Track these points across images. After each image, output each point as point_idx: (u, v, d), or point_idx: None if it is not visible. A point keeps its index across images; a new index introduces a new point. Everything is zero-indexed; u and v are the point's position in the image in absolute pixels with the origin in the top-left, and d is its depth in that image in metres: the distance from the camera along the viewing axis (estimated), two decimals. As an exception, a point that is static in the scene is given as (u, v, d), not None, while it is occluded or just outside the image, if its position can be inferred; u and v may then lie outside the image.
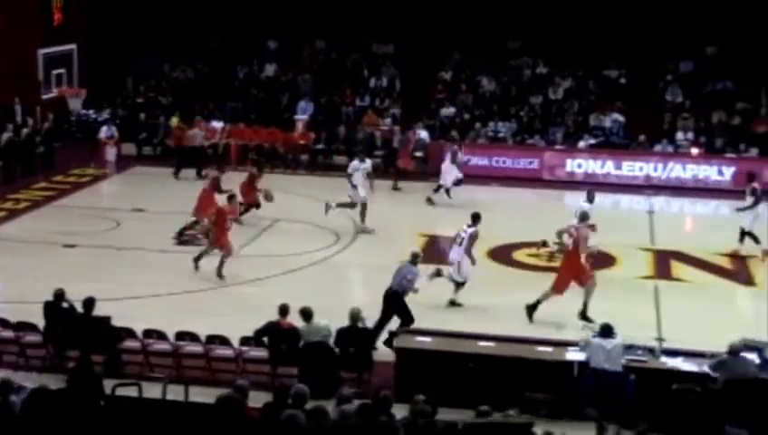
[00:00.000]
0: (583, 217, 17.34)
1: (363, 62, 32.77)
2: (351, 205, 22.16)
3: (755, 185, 21.16)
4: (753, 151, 28.35)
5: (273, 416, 9.29)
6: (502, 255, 20.46)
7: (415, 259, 15.85)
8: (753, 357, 13.08)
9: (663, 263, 20.05)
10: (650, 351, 13.78)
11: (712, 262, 20.47)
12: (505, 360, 13.66)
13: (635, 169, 28.02)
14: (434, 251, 20.18)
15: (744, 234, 20.59)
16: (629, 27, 29.97)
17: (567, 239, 17.12)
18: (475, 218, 17.59)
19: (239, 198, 21.00)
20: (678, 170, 27.75)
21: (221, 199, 20.42)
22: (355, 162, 22.73)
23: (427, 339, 14.28)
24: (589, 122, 30.10)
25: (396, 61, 32.56)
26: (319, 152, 29.72)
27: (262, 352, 14.21)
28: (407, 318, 15.27)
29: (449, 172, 25.05)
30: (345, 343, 14.02)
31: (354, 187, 22.15)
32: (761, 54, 29.62)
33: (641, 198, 26.58)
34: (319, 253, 20.18)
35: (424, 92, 31.59)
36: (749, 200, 20.82)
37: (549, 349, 13.98)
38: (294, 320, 14.14)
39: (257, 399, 10.35)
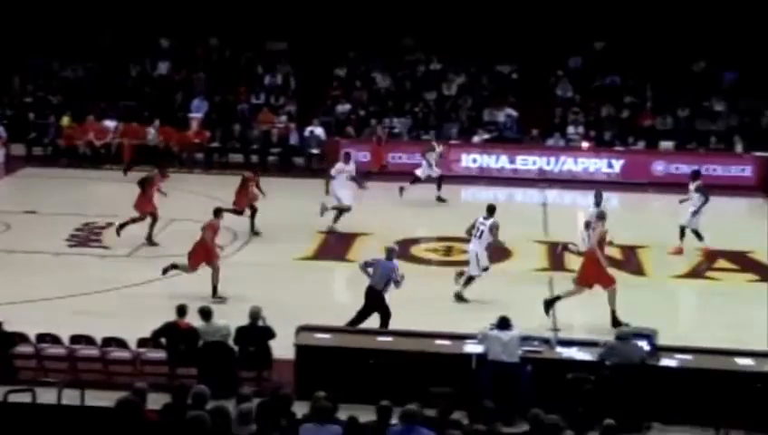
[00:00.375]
0: (600, 215, 17.46)
1: (257, 60, 32.60)
2: (342, 208, 21.92)
3: (700, 183, 21.24)
4: (641, 144, 29.15)
5: (173, 417, 9.22)
6: (400, 250, 20.58)
7: (390, 254, 15.89)
8: (642, 344, 13.44)
9: (557, 255, 20.44)
10: (546, 341, 14.04)
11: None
12: (405, 354, 13.77)
13: (528, 163, 28.56)
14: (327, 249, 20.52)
15: (683, 230, 20.71)
16: (521, 23, 30.46)
17: (582, 242, 17.97)
18: (491, 210, 17.71)
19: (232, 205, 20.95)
20: (570, 164, 28.38)
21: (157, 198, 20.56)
22: (340, 164, 22.61)
23: (327, 335, 14.31)
24: (482, 118, 30.51)
25: (290, 58, 32.47)
26: (214, 151, 29.47)
27: (160, 354, 14.04)
28: (386, 315, 15.40)
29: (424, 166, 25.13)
30: (245, 341, 13.97)
31: (337, 189, 22.02)
32: (646, 49, 30.46)
33: (535, 191, 27.08)
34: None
35: (319, 90, 31.59)
36: (697, 199, 20.71)
37: (447, 342, 14.13)
38: (193, 320, 14.02)
39: (156, 401, 10.25)
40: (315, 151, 28.63)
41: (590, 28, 31.00)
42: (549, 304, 16.65)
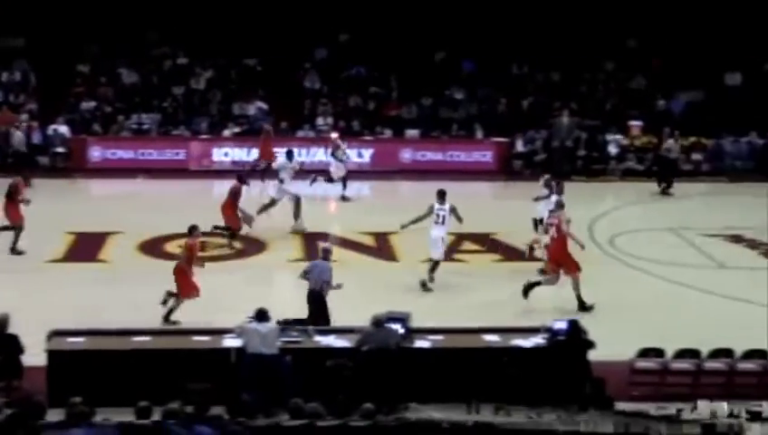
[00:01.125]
0: (559, 204, 18.11)
1: (-7, 57, 31.09)
2: (273, 204, 21.95)
3: (548, 176, 21.56)
4: (388, 133, 29.91)
5: None
6: (153, 248, 20.28)
7: (325, 255, 15.85)
8: (397, 327, 13.85)
9: (311, 245, 20.67)
10: (304, 331, 14.21)
11: (357, 241, 21.41)
12: (161, 353, 13.57)
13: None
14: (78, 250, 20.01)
15: (537, 223, 20.94)
16: (267, 16, 30.52)
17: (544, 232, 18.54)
18: (443, 195, 18.62)
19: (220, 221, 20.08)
20: (321, 154, 28.66)
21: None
22: (282, 160, 22.69)
23: (80, 339, 13.89)
24: (233, 111, 30.40)
25: (28, 54, 31.10)
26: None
27: None
28: (325, 318, 15.17)
29: (335, 166, 25.14)
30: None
31: (282, 184, 21.96)
32: (390, 41, 31.24)
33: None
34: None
35: (61, 86, 30.47)
36: (544, 192, 20.89)
37: (205, 338, 14.06)
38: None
39: None
40: (60, 150, 27.64)
41: (335, 20, 31.48)
42: (527, 290, 17.12)
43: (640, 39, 32.88)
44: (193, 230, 16.41)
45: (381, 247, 20.97)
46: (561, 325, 13.78)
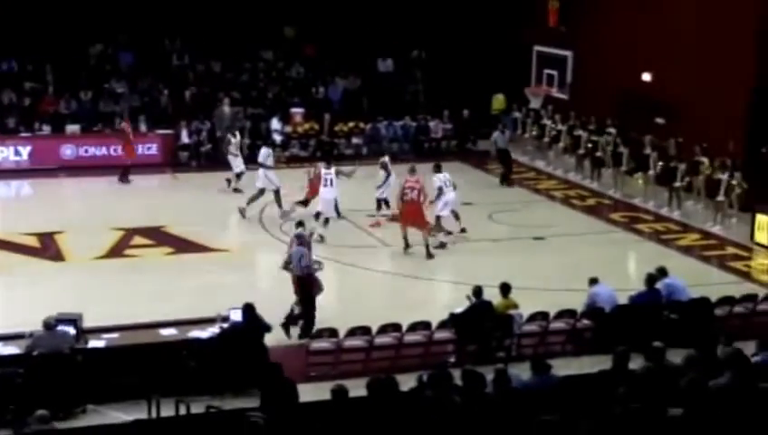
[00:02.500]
0: (412, 169, 20.86)
1: None
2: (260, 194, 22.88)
3: (385, 159, 23.28)
4: (47, 129, 28.73)
5: None
6: None
7: (300, 239, 16.07)
8: (68, 329, 13.43)
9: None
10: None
11: (20, 242, 20.49)
12: None
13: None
14: None
15: (379, 203, 22.42)
16: None
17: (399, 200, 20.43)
18: (328, 160, 22.47)
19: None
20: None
21: None
22: (265, 150, 23.27)
23: None
24: None
25: None
26: None
27: None
28: (310, 305, 15.51)
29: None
30: None
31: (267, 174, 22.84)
32: (42, 33, 29.90)
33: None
34: None
35: None
36: (382, 174, 22.66)
37: None
38: None
39: None
40: None
41: None
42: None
43: (296, 27, 33.69)
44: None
45: (47, 248, 20.20)
46: (237, 313, 13.95)
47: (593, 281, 16.11)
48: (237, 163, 25.39)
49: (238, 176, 25.24)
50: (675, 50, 25.74)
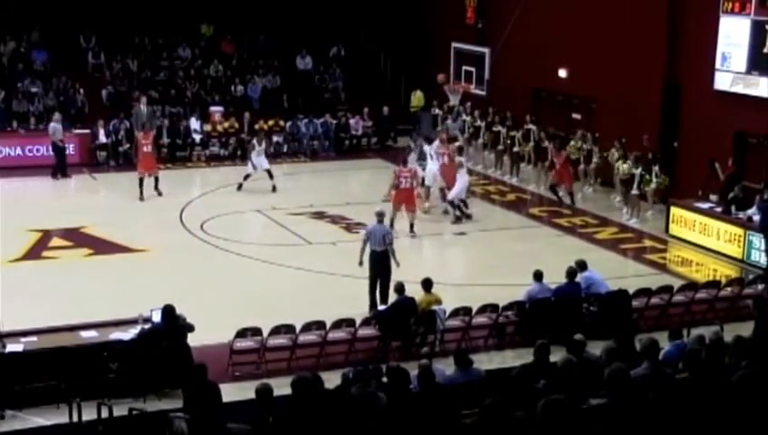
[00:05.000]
0: (404, 162, 22.32)
1: None
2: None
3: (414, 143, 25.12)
4: None
5: None
6: None
7: (380, 218, 17.01)
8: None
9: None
10: None
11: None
12: None
13: None
14: None
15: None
16: None
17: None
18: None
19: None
20: None
21: None
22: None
23: None
24: None
25: None
26: None
27: None
28: (387, 273, 16.47)
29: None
30: None
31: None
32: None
33: None
34: None
35: None
36: (413, 154, 23.97)
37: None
38: None
39: None
40: None
41: None
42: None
43: (213, 25, 33.49)
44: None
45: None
46: (158, 313, 13.82)
47: (583, 266, 16.27)
48: (260, 162, 25.38)
49: (247, 176, 25.34)
50: (590, 47, 26.16)
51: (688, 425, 7.90)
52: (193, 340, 13.83)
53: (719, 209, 21.14)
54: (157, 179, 24.49)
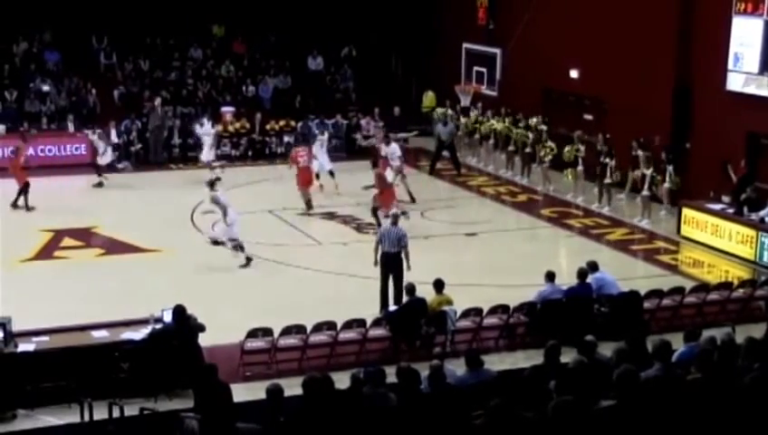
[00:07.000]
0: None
1: None
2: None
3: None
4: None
5: None
6: None
7: (396, 219, 17.10)
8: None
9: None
10: None
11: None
12: None
13: None
14: None
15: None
16: None
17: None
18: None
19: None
20: None
21: None
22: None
23: None
24: None
25: None
26: None
27: None
28: (400, 276, 16.45)
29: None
30: None
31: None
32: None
33: None
34: None
35: None
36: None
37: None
38: None
39: None
40: None
41: None
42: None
43: (225, 26, 33.53)
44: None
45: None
46: (168, 313, 13.83)
47: (594, 267, 16.21)
48: (324, 161, 25.46)
49: (329, 173, 25.43)
50: (601, 47, 26.10)
51: (700, 427, 7.86)
52: (204, 340, 13.84)
53: (731, 211, 21.08)
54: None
